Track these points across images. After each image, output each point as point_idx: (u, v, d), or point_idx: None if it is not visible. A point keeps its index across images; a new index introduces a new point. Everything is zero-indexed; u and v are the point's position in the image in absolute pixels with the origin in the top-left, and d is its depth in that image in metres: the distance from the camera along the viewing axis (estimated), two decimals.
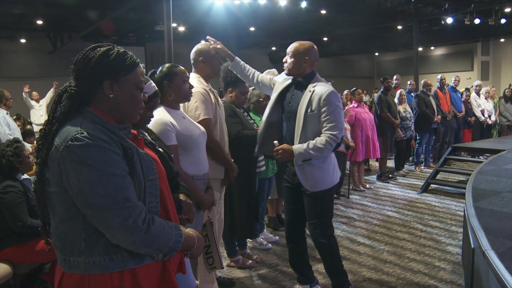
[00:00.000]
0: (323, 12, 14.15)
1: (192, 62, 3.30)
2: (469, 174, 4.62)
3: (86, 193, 1.41)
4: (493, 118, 9.53)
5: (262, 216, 4.61)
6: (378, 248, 4.41)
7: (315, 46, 3.18)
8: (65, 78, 1.61)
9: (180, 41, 13.34)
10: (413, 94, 8.64)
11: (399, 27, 16.85)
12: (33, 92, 11.30)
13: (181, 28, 15.26)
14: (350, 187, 6.72)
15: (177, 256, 1.67)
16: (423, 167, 8.51)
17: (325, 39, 19.56)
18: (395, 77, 9.57)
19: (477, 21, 13.93)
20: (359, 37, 18.97)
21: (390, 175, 7.74)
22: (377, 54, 24.98)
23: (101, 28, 13.98)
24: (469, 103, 9.29)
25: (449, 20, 14.13)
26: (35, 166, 1.55)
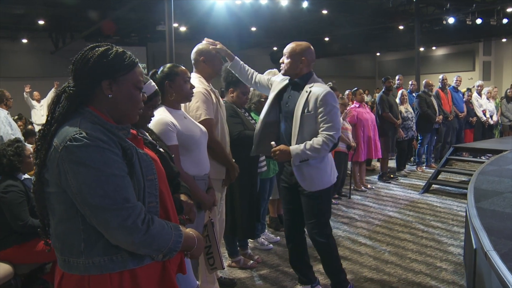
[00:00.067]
0: (325, 12, 14.16)
1: (193, 62, 3.30)
2: (471, 175, 4.62)
3: (85, 194, 1.41)
4: (495, 118, 9.51)
5: (264, 217, 4.60)
6: (380, 249, 4.40)
7: (312, 47, 3.18)
8: (67, 78, 1.60)
9: (182, 41, 13.35)
10: (415, 94, 8.63)
11: (401, 27, 16.83)
12: (34, 92, 11.31)
13: (183, 28, 15.29)
14: (352, 187, 6.72)
15: (177, 257, 1.66)
16: (425, 167, 8.50)
17: (327, 39, 19.57)
18: (397, 77, 9.55)
19: (479, 21, 13.92)
20: (361, 37, 18.95)
21: (392, 175, 7.73)
22: (379, 54, 24.98)
23: (103, 28, 14.01)
24: (471, 103, 9.27)
25: (451, 20, 14.12)
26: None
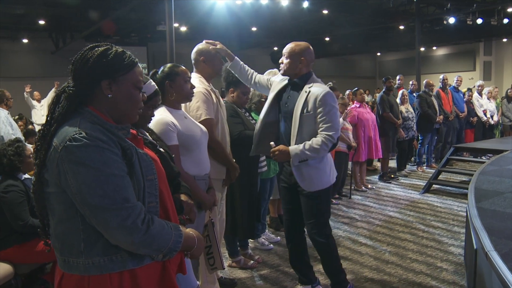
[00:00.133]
0: (325, 12, 14.15)
1: (193, 62, 3.30)
2: (471, 175, 4.61)
3: (84, 194, 1.40)
4: (496, 118, 9.50)
5: (264, 217, 4.60)
6: (380, 249, 4.40)
7: (311, 47, 3.18)
8: (67, 78, 1.60)
9: (182, 41, 13.34)
10: (415, 94, 8.62)
11: (401, 27, 16.81)
12: (35, 92, 11.31)
13: (183, 28, 15.28)
14: (352, 187, 6.71)
15: (177, 257, 1.66)
16: (425, 168, 8.49)
17: (327, 39, 19.57)
18: (398, 77, 9.55)
19: (480, 21, 13.91)
20: (361, 37, 18.94)
21: (392, 176, 7.72)
22: (379, 54, 24.97)
23: (103, 28, 14.01)
24: (471, 103, 9.27)
25: (451, 20, 14.11)
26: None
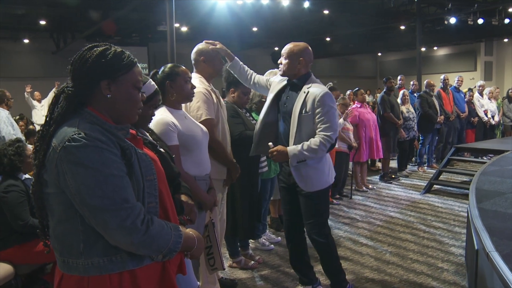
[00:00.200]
0: (326, 12, 14.16)
1: (193, 63, 3.29)
2: (472, 175, 4.60)
3: (84, 194, 1.40)
4: (497, 119, 9.49)
5: (265, 217, 4.59)
6: (381, 249, 4.39)
7: (310, 47, 3.18)
8: (68, 79, 1.60)
9: (183, 41, 13.34)
10: (416, 95, 8.62)
11: (402, 27, 16.80)
12: (35, 92, 11.32)
13: (184, 28, 15.28)
14: (353, 188, 6.71)
15: (177, 257, 1.66)
16: (426, 168, 8.48)
17: (328, 39, 19.56)
18: (399, 78, 9.54)
19: (481, 21, 13.90)
20: (362, 37, 18.93)
21: (393, 176, 7.72)
22: (380, 54, 24.95)
23: (104, 29, 14.00)
24: (472, 104, 9.25)
25: (452, 20, 14.09)
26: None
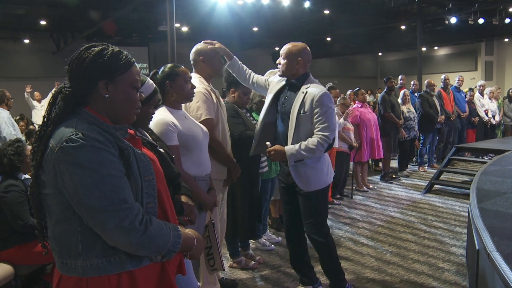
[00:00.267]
0: (326, 12, 14.16)
1: (192, 63, 3.28)
2: (473, 175, 4.59)
3: (81, 195, 1.39)
4: (497, 119, 9.48)
5: (265, 217, 4.59)
6: (382, 249, 4.39)
7: (308, 47, 3.18)
8: None
9: (183, 41, 13.32)
10: (417, 94, 8.61)
11: (403, 27, 16.81)
12: (35, 92, 11.32)
13: (184, 28, 15.29)
14: (354, 188, 6.70)
15: (176, 257, 1.65)
16: (427, 168, 8.48)
17: (328, 39, 19.57)
18: (400, 77, 9.54)
19: (481, 21, 13.89)
20: (363, 37, 18.93)
21: (394, 176, 7.71)
22: (381, 54, 24.95)
23: (104, 29, 14.02)
24: (473, 103, 9.24)
25: (453, 20, 14.09)
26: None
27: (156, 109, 2.44)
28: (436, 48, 22.10)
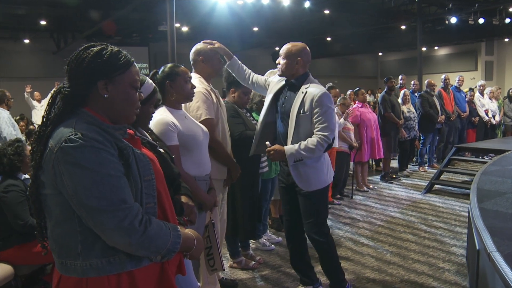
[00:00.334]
0: (327, 12, 14.16)
1: (192, 63, 3.27)
2: (473, 175, 4.59)
3: (80, 195, 1.39)
4: (498, 118, 9.47)
5: (265, 217, 4.58)
6: (382, 249, 4.38)
7: (307, 47, 3.18)
8: None
9: (184, 41, 13.32)
10: (417, 94, 8.61)
11: (403, 27, 16.81)
12: (35, 92, 11.32)
13: (185, 28, 15.29)
14: (354, 188, 6.70)
15: (176, 258, 1.64)
16: (427, 168, 8.48)
17: (329, 39, 19.58)
18: (400, 77, 9.54)
19: (481, 21, 13.89)
20: (363, 37, 18.93)
21: (394, 176, 7.71)
22: (381, 54, 24.95)
23: (104, 29, 14.02)
24: (473, 103, 9.24)
25: (453, 20, 14.09)
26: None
27: (156, 109, 2.44)
28: (436, 48, 22.09)
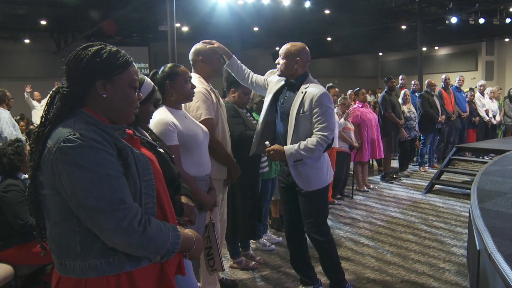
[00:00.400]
0: (327, 12, 14.16)
1: (192, 63, 3.26)
2: (474, 175, 4.58)
3: (79, 195, 1.38)
4: (498, 118, 9.46)
5: (265, 217, 4.58)
6: (382, 249, 4.38)
7: (307, 47, 3.18)
8: None
9: (184, 41, 13.32)
10: (417, 94, 8.60)
11: (403, 27, 16.81)
12: (35, 92, 11.32)
13: (185, 28, 15.30)
14: (354, 188, 6.69)
15: (176, 258, 1.64)
16: (427, 168, 8.47)
17: (329, 39, 19.59)
18: (401, 77, 9.53)
19: (482, 21, 13.88)
20: (363, 37, 18.94)
21: (394, 176, 7.70)
22: (381, 54, 24.96)
23: (105, 29, 14.02)
24: (474, 103, 9.23)
25: (454, 20, 14.08)
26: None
27: (156, 109, 2.43)
28: (437, 48, 22.10)
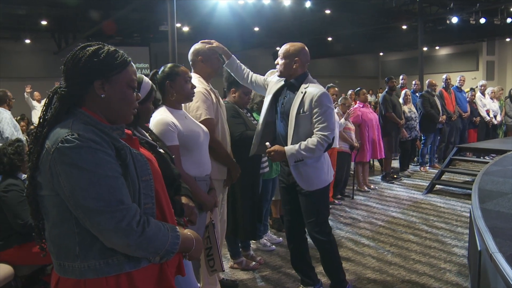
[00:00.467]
0: (328, 12, 14.16)
1: (191, 63, 3.26)
2: (475, 175, 4.57)
3: (77, 196, 1.37)
4: (499, 118, 9.45)
5: (266, 218, 4.57)
6: (383, 250, 4.37)
7: (306, 47, 3.18)
8: None
9: (184, 41, 13.30)
10: (418, 94, 8.60)
11: (404, 27, 16.81)
12: (35, 93, 11.32)
13: (185, 28, 15.30)
14: (355, 188, 6.69)
15: (175, 258, 1.63)
16: (428, 168, 8.46)
17: (330, 39, 19.59)
18: (401, 77, 9.52)
19: (483, 21, 13.88)
20: (364, 37, 18.94)
21: (395, 176, 7.69)
22: (382, 54, 24.95)
23: (105, 29, 14.02)
24: (474, 103, 9.22)
25: (454, 20, 14.07)
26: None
27: (156, 109, 2.42)
28: (438, 48, 22.09)
